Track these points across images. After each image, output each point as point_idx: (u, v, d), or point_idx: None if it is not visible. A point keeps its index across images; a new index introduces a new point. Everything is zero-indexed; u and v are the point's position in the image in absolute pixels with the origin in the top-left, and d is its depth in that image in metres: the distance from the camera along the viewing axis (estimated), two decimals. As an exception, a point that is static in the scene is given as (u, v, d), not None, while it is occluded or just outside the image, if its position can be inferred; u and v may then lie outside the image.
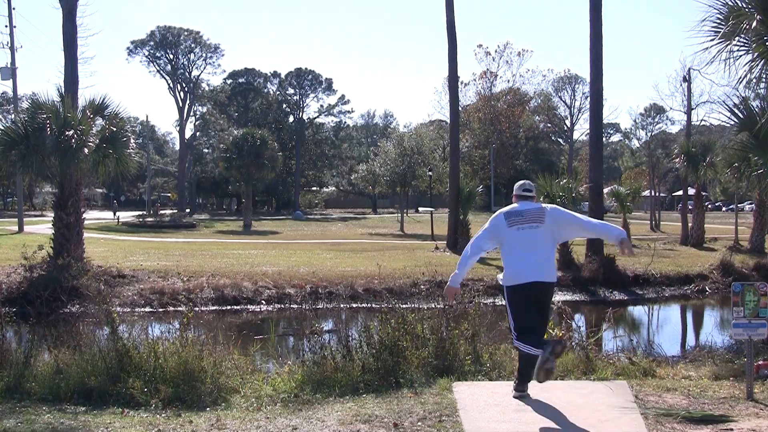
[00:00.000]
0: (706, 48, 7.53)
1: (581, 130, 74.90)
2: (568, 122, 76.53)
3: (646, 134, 61.72)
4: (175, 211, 55.96)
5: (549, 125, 77.94)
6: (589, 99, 20.50)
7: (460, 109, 50.54)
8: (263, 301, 14.21)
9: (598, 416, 4.81)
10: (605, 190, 26.92)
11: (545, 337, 5.24)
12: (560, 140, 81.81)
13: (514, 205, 5.36)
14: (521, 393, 5.22)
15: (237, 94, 71.33)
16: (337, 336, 6.34)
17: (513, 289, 5.06)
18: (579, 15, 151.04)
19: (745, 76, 7.48)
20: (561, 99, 75.65)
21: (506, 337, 7.26)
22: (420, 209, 63.83)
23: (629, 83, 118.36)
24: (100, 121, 15.13)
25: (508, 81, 72.19)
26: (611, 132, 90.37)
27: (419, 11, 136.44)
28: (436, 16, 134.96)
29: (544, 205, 5.41)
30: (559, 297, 15.26)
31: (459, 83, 32.75)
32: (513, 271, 5.07)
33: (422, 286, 13.96)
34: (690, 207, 29.69)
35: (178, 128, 68.31)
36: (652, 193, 44.57)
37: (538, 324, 5.08)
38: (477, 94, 71.32)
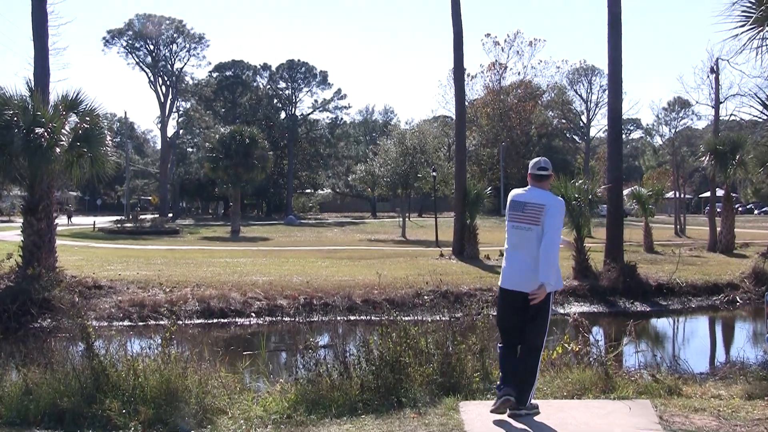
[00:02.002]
0: (736, 35, 7.51)
1: (598, 126, 75.08)
2: (584, 118, 76.66)
3: (670, 130, 61.91)
4: (157, 215, 55.99)
5: (563, 121, 78.08)
6: (607, 92, 20.54)
7: (466, 103, 50.56)
8: (253, 314, 14.19)
9: (619, 438, 4.78)
10: (625, 192, 26.92)
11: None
12: (575, 137, 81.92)
13: (522, 191, 5.47)
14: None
15: (224, 88, 71.43)
16: (333, 351, 6.33)
17: (500, 292, 5.49)
18: (595, 0, 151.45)
19: (779, 65, 7.45)
20: (576, 92, 75.87)
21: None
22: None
23: (651, 75, 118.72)
24: (73, 118, 15.12)
25: (519, 73, 72.50)
26: (631, 128, 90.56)
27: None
28: (440, 3, 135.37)
29: (552, 198, 5.38)
30: (575, 308, 15.26)
31: (465, 76, 32.80)
32: (502, 271, 5.47)
33: (426, 297, 13.96)
34: (718, 210, 29.68)
35: (159, 125, 68.41)
36: (677, 195, 44.53)
37: (515, 335, 5.34)
38: (485, 88, 71.56)
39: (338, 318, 13.84)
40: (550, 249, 5.18)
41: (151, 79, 66.21)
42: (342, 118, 78.43)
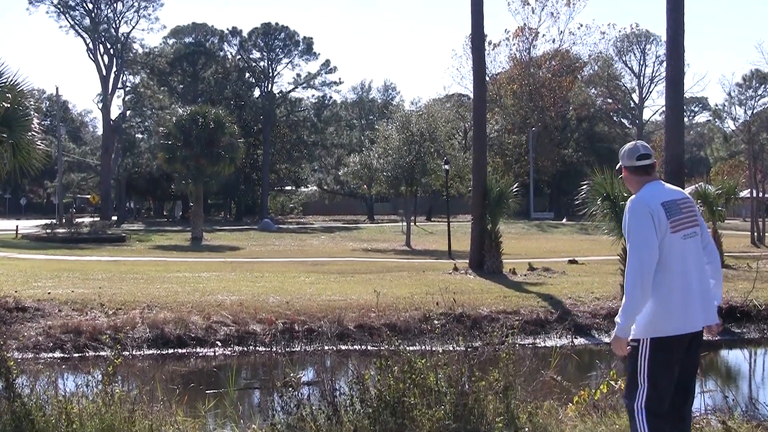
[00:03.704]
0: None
1: (654, 107, 75.52)
2: (635, 96, 76.87)
3: (746, 112, 61.97)
4: (97, 218, 56.01)
5: (609, 101, 78.25)
6: (665, 64, 20.57)
7: (487, 79, 50.58)
8: (218, 342, 14.19)
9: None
10: (688, 190, 26.92)
11: None
12: (624, 121, 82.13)
13: (650, 191, 4.78)
14: None
15: (182, 58, 71.60)
16: (319, 389, 6.34)
17: (662, 343, 4.67)
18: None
19: None
20: (626, 65, 76.13)
21: (552, 390, 7.23)
22: None
23: (721, 43, 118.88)
24: (-8, 96, 15.10)
25: (554, 40, 72.59)
26: (696, 110, 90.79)
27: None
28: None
29: (682, 191, 4.99)
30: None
31: (486, 44, 32.90)
32: (669, 311, 4.65)
33: (436, 321, 13.95)
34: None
35: (101, 105, 68.45)
36: (755, 194, 44.54)
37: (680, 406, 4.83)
38: (511, 59, 71.70)
39: (326, 348, 13.83)
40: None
41: (90, 46, 66.27)
42: (331, 97, 78.70)
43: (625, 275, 4.70)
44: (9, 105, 14.94)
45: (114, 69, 66.74)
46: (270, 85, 73.97)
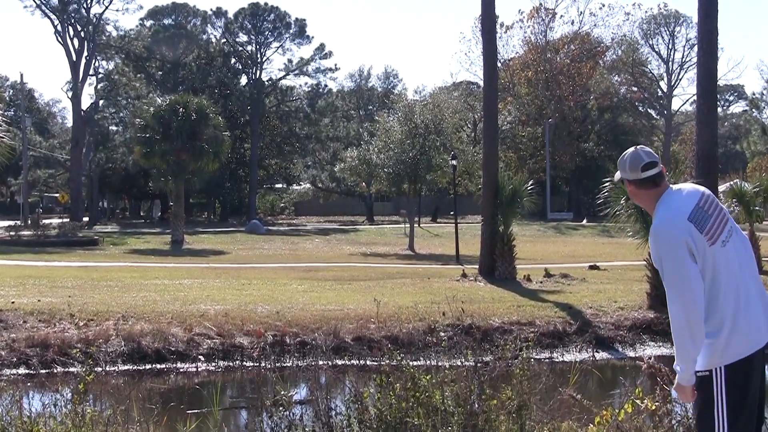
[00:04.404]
0: None
1: (684, 96, 75.55)
2: (663, 84, 76.81)
3: (785, 102, 61.83)
4: (67, 219, 56.01)
5: (634, 89, 78.18)
6: (697, 48, 20.56)
7: (499, 65, 50.58)
8: (201, 357, 14.19)
9: None
10: (721, 188, 26.92)
11: None
12: (651, 112, 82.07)
13: (668, 203, 4.47)
14: None
15: (161, 42, 71.51)
16: (313, 409, 6.34)
17: (739, 367, 4.33)
18: None
19: None
20: (653, 49, 76.03)
21: (571, 410, 7.22)
22: None
23: (758, 26, 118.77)
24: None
25: (573, 22, 72.67)
26: (731, 99, 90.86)
27: None
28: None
29: (696, 187, 4.64)
30: (650, 350, 15.29)
31: (498, 26, 32.86)
32: (738, 329, 4.33)
33: (443, 333, 13.95)
34: None
35: (70, 94, 68.46)
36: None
37: None
38: (525, 43, 71.71)
39: (320, 362, 13.83)
40: None
41: (58, 28, 66.18)
42: (326, 85, 78.70)
43: (669, 318, 4.43)
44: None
45: (85, 54, 66.62)
46: (258, 71, 73.95)
